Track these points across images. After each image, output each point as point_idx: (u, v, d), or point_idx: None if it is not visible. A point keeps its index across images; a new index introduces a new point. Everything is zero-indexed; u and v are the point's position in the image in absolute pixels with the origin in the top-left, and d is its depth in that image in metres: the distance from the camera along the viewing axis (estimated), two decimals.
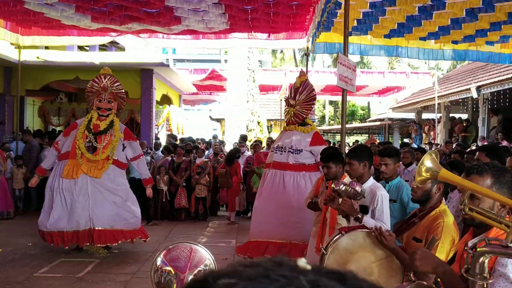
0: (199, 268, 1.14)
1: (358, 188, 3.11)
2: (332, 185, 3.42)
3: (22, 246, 7.22)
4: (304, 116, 6.26)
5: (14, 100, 11.83)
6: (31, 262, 6.36)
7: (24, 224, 8.81)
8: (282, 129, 6.93)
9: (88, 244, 6.63)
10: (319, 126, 32.85)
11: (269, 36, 10.57)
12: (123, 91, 7.08)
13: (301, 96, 6.32)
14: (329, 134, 30.58)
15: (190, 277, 1.11)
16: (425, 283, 1.90)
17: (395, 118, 22.31)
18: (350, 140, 27.97)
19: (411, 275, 1.92)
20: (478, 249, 1.54)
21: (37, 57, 11.62)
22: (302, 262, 0.47)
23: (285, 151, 6.11)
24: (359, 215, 3.15)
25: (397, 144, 17.89)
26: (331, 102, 36.52)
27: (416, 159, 6.82)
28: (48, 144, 10.38)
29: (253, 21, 9.13)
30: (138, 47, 14.02)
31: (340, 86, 4.55)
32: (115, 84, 6.90)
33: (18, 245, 7.28)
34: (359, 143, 17.69)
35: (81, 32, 10.16)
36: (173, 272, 1.13)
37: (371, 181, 3.41)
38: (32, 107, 14.44)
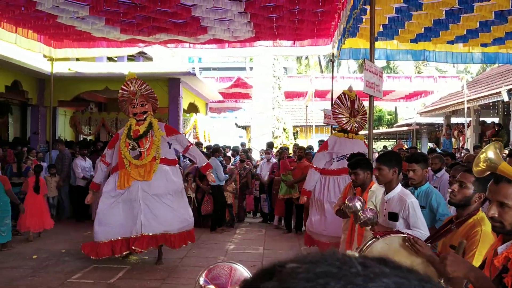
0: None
1: (370, 215, 3.09)
2: (346, 201, 3.43)
3: (56, 252, 7.43)
4: (363, 127, 7.32)
5: (47, 111, 12.21)
6: (65, 268, 6.54)
7: (58, 231, 9.06)
8: (334, 136, 7.40)
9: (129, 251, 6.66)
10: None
11: (294, 43, 10.62)
12: (153, 91, 7.00)
13: (360, 109, 7.24)
14: None
15: None
16: None
17: (423, 123, 21.96)
18: (377, 146, 27.66)
19: (441, 281, 1.91)
20: None
21: (69, 69, 11.97)
22: (350, 252, 0.54)
23: (344, 158, 6.36)
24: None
25: (425, 149, 17.60)
26: None
27: (445, 164, 6.71)
28: (79, 153, 10.65)
29: (278, 29, 9.20)
30: (165, 57, 14.27)
31: (367, 92, 4.54)
32: (143, 86, 6.85)
33: (52, 251, 7.50)
34: (387, 149, 17.50)
35: (110, 43, 10.43)
36: None
37: (399, 187, 3.40)
38: (63, 118, 14.86)
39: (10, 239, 7.73)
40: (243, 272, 1.23)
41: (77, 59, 13.45)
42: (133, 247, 6.47)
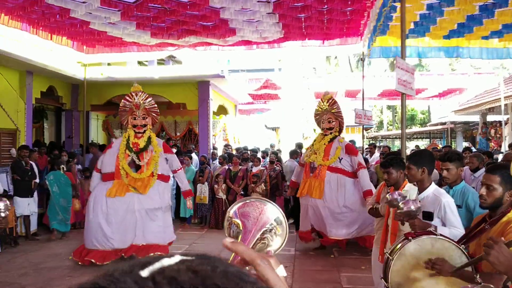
0: (264, 229, 1.14)
1: (412, 207, 3.00)
2: (387, 196, 3.36)
3: None
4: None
5: (81, 115, 12.52)
6: (100, 268, 6.65)
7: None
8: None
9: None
10: (377, 131, 32.17)
11: (323, 42, 10.53)
12: (156, 106, 7.06)
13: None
14: (387, 139, 29.84)
15: (254, 239, 1.11)
16: (492, 286, 1.82)
17: (457, 122, 21.41)
18: (411, 145, 27.14)
19: (477, 277, 1.83)
20: None
21: (101, 74, 12.24)
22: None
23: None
24: (432, 228, 3.01)
25: (460, 149, 17.15)
26: (389, 107, 35.68)
27: (484, 163, 6.51)
28: None
29: (307, 29, 9.14)
30: (194, 59, 14.40)
31: (399, 90, 4.45)
32: (147, 100, 6.90)
33: None
34: (419, 148, 17.14)
35: (140, 48, 10.58)
36: (240, 228, 1.14)
37: (433, 187, 3.31)
38: (96, 122, 15.18)
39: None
40: (271, 214, 1.16)
41: (109, 64, 13.74)
42: (122, 254, 6.66)
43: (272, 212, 1.16)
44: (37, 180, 8.96)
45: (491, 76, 16.96)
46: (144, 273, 0.48)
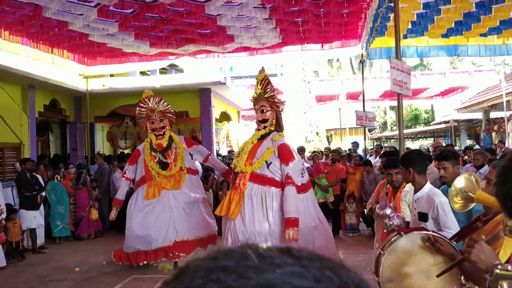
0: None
1: (395, 223, 3.05)
2: (377, 209, 3.39)
3: (97, 264, 7.60)
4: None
5: (85, 127, 12.60)
6: (106, 280, 6.68)
7: (99, 243, 9.31)
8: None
9: (163, 259, 6.77)
10: (381, 132, 32.11)
11: (322, 46, 10.56)
12: (170, 107, 7.14)
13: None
14: (392, 140, 29.75)
15: None
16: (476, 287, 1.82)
17: (461, 120, 21.35)
18: (416, 145, 27.06)
19: (462, 278, 1.83)
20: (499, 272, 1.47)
21: (103, 85, 12.32)
22: (264, 244, 0.54)
23: None
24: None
25: (464, 146, 17.04)
26: (392, 108, 35.59)
27: (488, 160, 6.53)
28: (118, 166, 10.90)
29: (304, 33, 9.19)
30: (195, 67, 14.47)
31: (394, 90, 4.45)
32: (161, 102, 6.99)
33: (94, 263, 7.68)
34: (423, 147, 17.09)
35: (141, 58, 10.67)
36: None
37: (427, 186, 3.30)
38: (101, 133, 15.28)
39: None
40: None
41: (112, 75, 13.84)
42: (171, 254, 6.58)
43: None
44: (44, 193, 9.04)
45: (492, 73, 16.90)
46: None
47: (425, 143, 26.31)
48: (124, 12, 7.24)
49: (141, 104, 7.01)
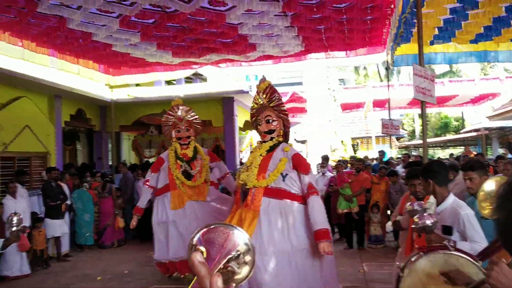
0: (229, 256, 1.05)
1: (428, 222, 2.86)
2: (407, 205, 3.22)
3: (119, 273, 7.62)
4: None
5: (110, 136, 12.77)
6: None
7: (122, 251, 9.34)
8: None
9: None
10: (408, 141, 31.51)
11: (346, 53, 10.41)
12: (198, 117, 7.14)
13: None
14: (420, 148, 29.13)
15: (217, 268, 1.02)
16: None
17: (493, 127, 20.70)
18: (445, 153, 26.40)
19: None
20: None
21: (128, 95, 12.47)
22: None
23: None
24: (450, 244, 2.84)
25: (496, 154, 16.50)
26: (421, 116, 34.92)
27: None
28: (142, 175, 10.96)
29: (328, 40, 9.05)
30: (219, 76, 14.51)
31: (417, 98, 4.30)
32: (190, 112, 6.97)
33: (116, 272, 7.69)
34: (453, 156, 16.62)
35: (165, 67, 10.74)
36: (204, 256, 1.05)
37: (451, 198, 3.13)
38: (128, 142, 15.47)
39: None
40: (238, 239, 1.07)
41: (137, 84, 14.00)
42: None
43: (239, 238, 1.07)
44: (68, 202, 9.15)
45: None
46: None
47: (455, 152, 25.65)
48: (146, 22, 7.28)
49: (170, 112, 6.99)
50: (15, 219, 4.02)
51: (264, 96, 4.94)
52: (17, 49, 7.91)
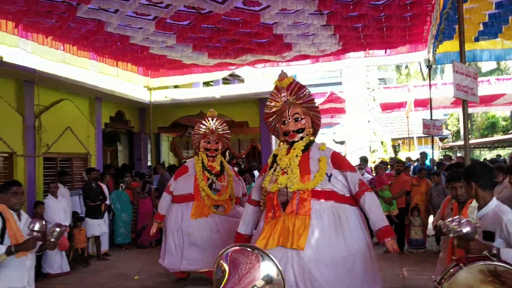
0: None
1: (464, 230, 2.68)
2: (446, 222, 3.03)
3: (154, 273, 7.68)
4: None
5: (149, 137, 12.97)
6: None
7: (159, 252, 9.41)
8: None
9: None
10: (453, 141, 30.46)
11: (385, 51, 10.13)
12: (229, 132, 7.13)
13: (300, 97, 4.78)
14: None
15: None
16: None
17: None
18: (493, 155, 25.35)
19: None
20: None
21: (165, 97, 12.64)
22: None
23: None
24: (493, 251, 2.65)
25: None
26: None
27: None
28: None
29: (366, 38, 8.83)
30: (255, 77, 14.47)
31: (458, 97, 4.08)
32: (222, 126, 6.97)
33: (152, 272, 7.77)
34: (500, 157, 15.92)
35: (202, 69, 10.80)
36: (226, 274, 0.98)
37: (493, 203, 2.92)
38: (167, 143, 15.68)
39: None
40: (255, 279, 0.99)
41: (176, 86, 14.16)
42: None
43: (264, 270, 0.99)
44: (108, 202, 9.34)
45: None
46: None
47: (503, 153, 24.56)
48: (181, 24, 7.31)
49: (203, 122, 6.99)
50: (57, 230, 4.06)
51: (287, 93, 4.60)
52: (59, 53, 8.14)
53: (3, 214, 4.04)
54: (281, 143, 4.68)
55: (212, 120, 6.95)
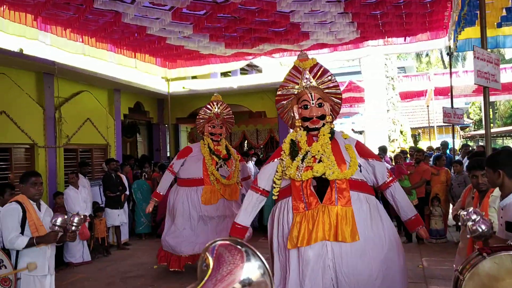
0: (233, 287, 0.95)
1: (480, 228, 2.63)
2: (461, 213, 2.97)
3: None
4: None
5: (168, 128, 13.05)
6: (180, 279, 6.76)
7: None
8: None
9: None
10: (475, 130, 29.93)
11: (405, 39, 9.95)
12: (233, 116, 7.14)
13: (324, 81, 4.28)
14: None
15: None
16: None
17: None
18: None
19: None
20: None
21: (183, 87, 12.67)
22: None
23: None
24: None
25: None
26: (489, 104, 32.96)
27: None
28: None
29: (384, 26, 8.68)
30: (273, 67, 14.40)
31: (479, 83, 3.97)
32: (226, 110, 6.97)
33: None
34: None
35: (220, 59, 10.79)
36: (210, 268, 0.96)
37: None
38: (185, 134, 15.76)
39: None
40: (234, 281, 0.97)
41: (194, 77, 14.19)
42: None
43: (245, 273, 0.97)
44: (127, 192, 9.45)
45: None
46: None
47: None
48: (197, 14, 7.30)
49: (208, 106, 6.98)
50: (76, 219, 4.08)
51: (312, 75, 4.15)
52: (78, 45, 8.22)
53: (23, 204, 4.11)
54: (298, 129, 4.28)
55: (217, 104, 6.94)
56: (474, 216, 3.11)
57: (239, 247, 1.02)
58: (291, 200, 4.06)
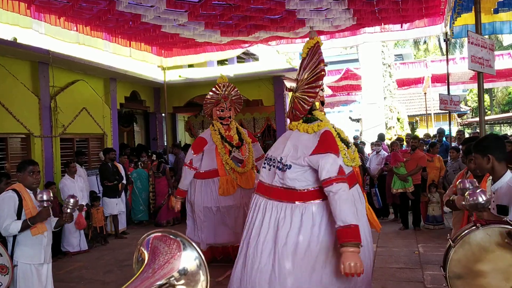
0: (159, 283, 0.95)
1: (480, 199, 2.63)
2: (458, 183, 3.00)
3: None
4: (308, 105, 3.74)
5: (165, 117, 13.02)
6: None
7: (178, 230, 9.54)
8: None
9: None
10: (473, 117, 29.95)
11: (401, 26, 9.89)
12: (241, 97, 6.94)
13: (305, 73, 3.84)
14: (486, 125, 27.62)
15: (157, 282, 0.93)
16: None
17: None
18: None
19: None
20: None
21: (179, 76, 12.62)
22: None
23: (273, 166, 3.72)
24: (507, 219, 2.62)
25: None
26: (486, 91, 32.99)
27: None
28: None
29: (381, 13, 8.62)
30: (270, 56, 14.34)
31: (473, 69, 3.96)
32: (234, 91, 6.73)
33: None
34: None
35: (215, 47, 10.72)
36: (145, 261, 0.97)
37: (507, 176, 2.85)
38: (183, 123, 15.73)
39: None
40: (173, 270, 0.97)
41: (191, 66, 14.10)
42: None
43: (185, 261, 0.97)
44: (124, 182, 9.45)
45: None
46: None
47: None
48: (192, 1, 7.23)
49: (214, 89, 6.71)
50: (71, 201, 4.13)
51: (318, 57, 3.77)
52: (72, 33, 8.14)
53: (20, 192, 4.12)
54: (313, 115, 3.87)
55: (224, 86, 6.68)
56: (469, 185, 3.15)
57: (173, 237, 1.02)
58: None
